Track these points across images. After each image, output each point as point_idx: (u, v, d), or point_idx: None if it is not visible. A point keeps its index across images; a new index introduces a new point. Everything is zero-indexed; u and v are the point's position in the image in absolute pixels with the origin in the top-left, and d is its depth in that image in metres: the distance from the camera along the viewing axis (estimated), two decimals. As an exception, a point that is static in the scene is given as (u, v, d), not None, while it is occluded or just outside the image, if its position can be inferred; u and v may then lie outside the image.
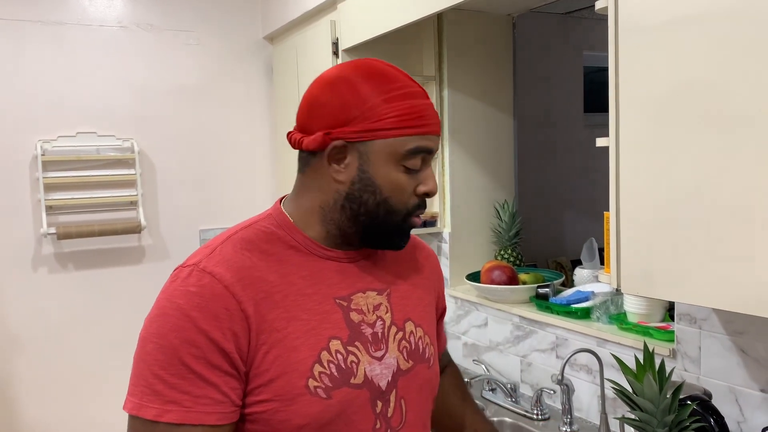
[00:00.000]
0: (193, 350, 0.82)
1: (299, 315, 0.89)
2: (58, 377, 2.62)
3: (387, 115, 0.89)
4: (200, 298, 0.84)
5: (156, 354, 0.83)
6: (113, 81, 2.69)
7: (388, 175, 0.91)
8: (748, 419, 1.41)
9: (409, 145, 0.90)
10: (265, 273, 0.89)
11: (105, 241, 2.69)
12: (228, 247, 0.90)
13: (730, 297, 1.05)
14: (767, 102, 0.98)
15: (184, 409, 0.82)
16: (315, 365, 0.87)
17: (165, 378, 0.82)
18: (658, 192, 1.15)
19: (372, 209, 0.92)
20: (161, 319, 0.85)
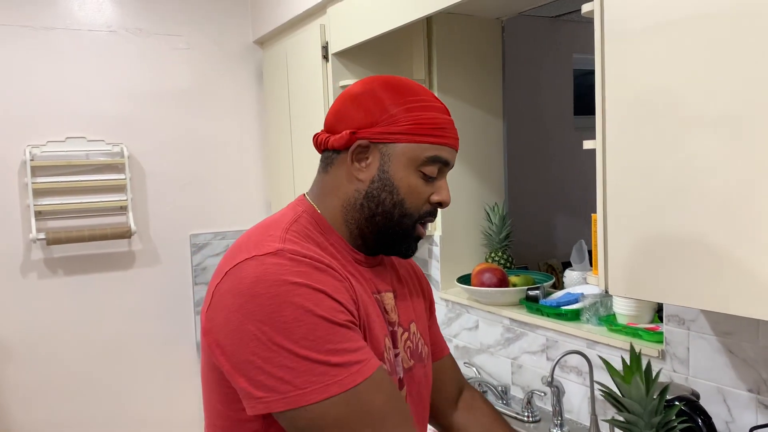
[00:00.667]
0: (340, 315, 0.83)
1: (365, 302, 0.93)
2: (48, 383, 2.61)
3: (409, 122, 0.95)
4: (315, 276, 0.83)
5: (311, 333, 0.79)
6: (102, 86, 2.68)
7: (406, 178, 0.95)
8: (736, 419, 1.42)
9: (429, 152, 0.95)
10: (330, 261, 0.91)
11: (95, 246, 2.68)
12: (292, 239, 0.90)
13: (717, 298, 1.06)
14: (751, 103, 0.99)
15: (366, 361, 0.82)
16: (384, 350, 0.93)
17: (336, 348, 0.80)
18: (645, 194, 1.15)
19: (388, 209, 0.96)
20: (291, 302, 0.80)
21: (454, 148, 0.99)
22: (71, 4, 2.62)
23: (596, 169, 1.25)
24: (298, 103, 2.57)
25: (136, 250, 2.77)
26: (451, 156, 0.99)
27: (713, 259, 1.05)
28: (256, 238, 0.89)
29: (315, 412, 0.78)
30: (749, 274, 1.00)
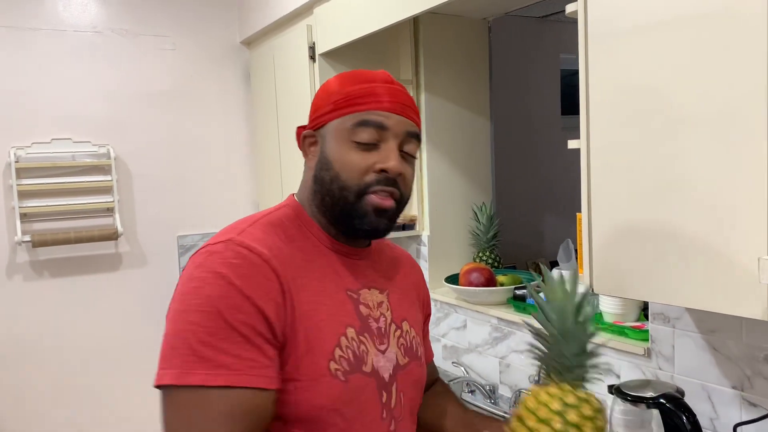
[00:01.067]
0: (240, 316, 0.83)
1: (322, 300, 0.93)
2: (35, 386, 2.59)
3: (337, 98, 0.96)
4: (243, 268, 0.85)
5: (203, 322, 0.82)
6: (88, 87, 2.66)
7: (338, 151, 0.95)
8: (721, 416, 1.43)
9: (355, 119, 0.95)
10: (291, 257, 0.93)
11: (81, 248, 2.66)
12: (256, 228, 0.93)
13: (702, 296, 1.07)
14: (733, 102, 0.99)
15: (235, 372, 0.81)
16: (336, 348, 0.91)
17: (213, 343, 0.81)
18: (628, 193, 1.16)
19: (328, 186, 0.96)
20: (204, 289, 0.84)
21: (387, 111, 0.95)
22: (56, 5, 2.60)
23: (580, 169, 1.25)
24: (285, 104, 2.56)
25: (123, 252, 2.75)
26: (387, 120, 0.95)
27: (697, 257, 1.06)
28: (227, 228, 0.94)
29: (167, 395, 0.82)
30: (733, 272, 1.01)
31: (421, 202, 2.42)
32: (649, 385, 1.36)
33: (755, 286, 0.97)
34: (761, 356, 1.34)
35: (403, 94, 0.99)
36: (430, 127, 2.36)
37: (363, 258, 1.03)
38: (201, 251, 0.89)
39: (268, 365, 0.84)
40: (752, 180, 0.97)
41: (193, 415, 0.80)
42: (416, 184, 2.41)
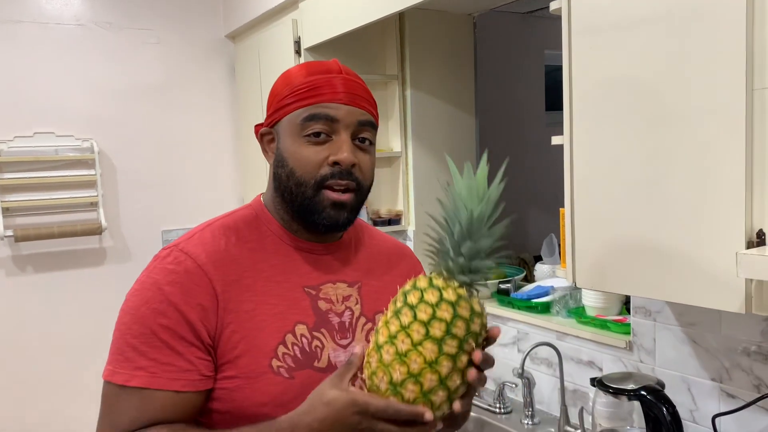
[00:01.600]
0: (162, 320, 0.88)
1: (268, 299, 0.94)
2: (18, 382, 2.57)
3: (285, 94, 0.97)
4: (175, 275, 0.90)
5: (131, 324, 0.89)
6: (71, 80, 2.64)
7: (292, 147, 0.96)
8: (700, 407, 1.46)
9: (304, 114, 0.95)
10: (238, 257, 0.95)
11: (65, 243, 2.64)
12: (207, 232, 0.97)
13: (681, 289, 1.09)
14: (713, 101, 1.01)
15: (150, 374, 0.87)
16: (279, 346, 0.92)
17: (136, 346, 0.88)
18: (610, 188, 1.18)
19: (285, 183, 0.97)
20: (139, 293, 0.91)
21: (336, 102, 0.95)
22: (38, -3, 2.57)
23: (563, 165, 1.27)
24: (270, 99, 2.56)
25: (107, 247, 2.74)
26: (336, 112, 0.94)
27: (678, 252, 1.08)
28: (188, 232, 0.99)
29: (103, 387, 0.91)
30: (712, 266, 1.03)
31: (407, 197, 2.43)
32: (631, 377, 1.39)
33: (733, 280, 0.99)
34: (739, 349, 1.37)
35: (353, 84, 0.98)
36: (415, 123, 2.37)
37: (331, 252, 1.03)
38: (155, 256, 0.96)
39: (188, 369, 0.88)
40: (731, 176, 0.99)
41: (111, 408, 0.89)
42: (402, 179, 2.42)
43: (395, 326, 0.80)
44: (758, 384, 1.34)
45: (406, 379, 0.78)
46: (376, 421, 0.80)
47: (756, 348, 1.34)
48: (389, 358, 0.79)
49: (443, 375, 0.78)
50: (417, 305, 0.80)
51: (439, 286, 0.82)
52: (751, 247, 0.98)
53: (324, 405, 0.82)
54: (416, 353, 0.78)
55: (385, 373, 0.79)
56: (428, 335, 0.78)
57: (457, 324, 0.79)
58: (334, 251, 1.03)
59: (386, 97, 2.43)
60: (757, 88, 0.96)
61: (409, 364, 0.78)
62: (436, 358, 0.78)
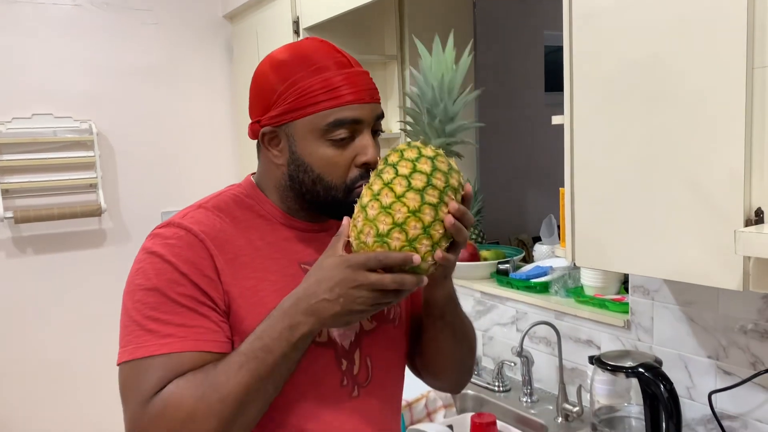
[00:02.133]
0: (179, 288, 0.87)
1: (267, 276, 0.94)
2: (19, 363, 2.59)
3: (297, 95, 0.91)
4: (178, 248, 0.89)
5: (146, 299, 0.87)
6: (69, 61, 2.63)
7: (315, 153, 0.93)
8: (697, 385, 1.47)
9: (329, 119, 0.91)
10: (234, 236, 0.94)
11: (64, 224, 2.64)
12: (200, 212, 0.96)
13: (679, 268, 1.10)
14: (711, 80, 1.02)
15: (181, 339, 0.85)
16: None
17: (157, 317, 0.86)
18: (610, 168, 1.19)
19: (310, 187, 0.95)
20: (144, 269, 0.89)
21: (358, 102, 0.92)
22: (34, -23, 2.55)
23: (563, 145, 1.27)
24: (269, 79, 2.54)
25: (106, 228, 2.74)
26: (361, 112, 0.92)
27: (676, 230, 1.09)
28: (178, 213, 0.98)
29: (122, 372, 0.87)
30: (710, 244, 1.04)
31: (406, 178, 2.43)
32: (629, 355, 1.40)
33: (731, 258, 1.00)
34: (736, 327, 1.38)
35: (367, 76, 0.96)
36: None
37: (324, 230, 1.02)
38: (148, 235, 0.94)
39: (216, 330, 0.88)
40: (730, 154, 1.00)
41: (136, 383, 0.85)
42: (401, 160, 2.42)
43: (378, 185, 0.84)
44: (754, 361, 1.36)
45: (392, 229, 0.82)
46: (368, 273, 0.81)
47: (753, 326, 1.35)
48: (374, 212, 0.83)
49: (426, 223, 0.82)
50: (398, 162, 0.84)
51: (417, 146, 0.86)
52: (750, 225, 0.98)
53: (319, 270, 0.85)
54: (400, 204, 0.82)
55: (372, 227, 0.82)
56: (410, 186, 0.82)
57: (437, 176, 0.84)
58: (328, 229, 1.03)
59: (385, 77, 2.42)
60: (757, 67, 0.97)
61: (394, 214, 0.82)
62: (419, 206, 0.82)
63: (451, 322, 1.04)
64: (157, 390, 0.83)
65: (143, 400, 0.84)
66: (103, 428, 2.62)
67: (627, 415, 1.48)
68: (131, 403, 0.85)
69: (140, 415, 0.83)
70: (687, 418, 1.49)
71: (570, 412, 1.71)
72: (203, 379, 0.84)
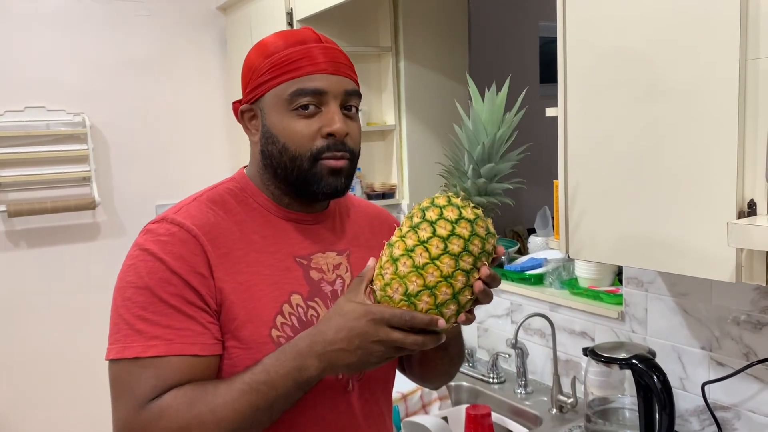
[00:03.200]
0: (169, 287, 0.87)
1: (261, 270, 0.94)
2: (13, 356, 2.58)
3: (265, 69, 0.96)
4: (170, 245, 0.89)
5: (135, 297, 0.87)
6: (62, 53, 2.61)
7: (281, 123, 0.95)
8: (690, 376, 1.48)
9: (291, 88, 0.93)
10: (228, 230, 0.94)
11: (58, 218, 2.63)
12: (194, 206, 0.96)
13: (673, 260, 1.10)
14: (705, 71, 1.01)
15: (167, 341, 0.86)
16: (277, 316, 0.92)
17: (146, 317, 0.86)
18: (604, 160, 1.18)
19: (278, 159, 0.96)
20: (135, 266, 0.89)
21: (322, 73, 0.94)
22: (25, -32, 2.52)
23: (557, 137, 1.27)
24: (263, 71, 2.53)
25: (100, 222, 2.73)
26: (323, 83, 0.94)
27: (670, 222, 1.09)
28: (172, 207, 0.98)
29: (111, 370, 0.88)
30: (703, 236, 1.04)
31: (401, 170, 2.42)
32: (622, 346, 1.41)
33: (724, 250, 1.00)
34: (729, 318, 1.38)
35: (336, 52, 0.98)
36: (409, 95, 2.36)
37: (319, 222, 1.03)
38: (141, 231, 0.94)
39: (203, 332, 0.88)
40: (723, 146, 1.00)
41: (127, 384, 0.86)
42: (395, 152, 2.42)
43: (412, 240, 0.82)
44: (747, 352, 1.36)
45: (422, 291, 0.80)
46: (390, 330, 0.81)
47: (746, 317, 1.35)
48: (405, 270, 0.81)
49: (456, 289, 0.81)
50: (436, 221, 0.82)
51: (458, 205, 0.84)
52: (742, 217, 0.98)
53: (339, 316, 0.84)
54: (433, 267, 0.80)
55: (401, 285, 0.81)
56: (446, 250, 0.81)
57: (474, 242, 0.82)
58: (323, 221, 1.03)
59: (380, 69, 2.41)
60: (750, 58, 0.96)
61: (426, 277, 0.80)
62: (452, 272, 0.81)
63: (452, 350, 1.06)
64: (152, 397, 0.85)
65: (137, 404, 0.85)
66: (96, 420, 2.63)
67: (621, 407, 1.49)
68: (123, 404, 0.86)
69: (133, 419, 0.85)
70: (680, 409, 1.49)
71: (564, 404, 1.71)
72: (202, 397, 0.84)
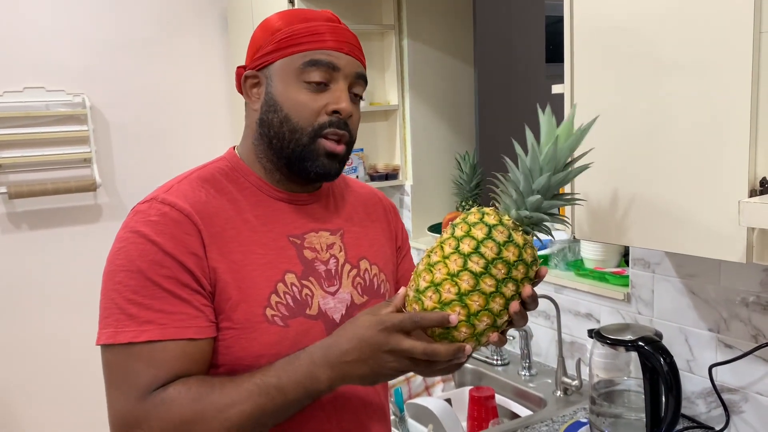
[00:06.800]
0: (162, 270, 0.85)
1: (255, 249, 0.92)
2: (14, 340, 2.58)
3: (282, 37, 0.93)
4: (162, 225, 0.87)
5: (127, 281, 0.85)
6: (61, 33, 2.57)
7: (287, 92, 0.93)
8: (697, 358, 1.46)
9: (305, 58, 0.93)
10: (220, 209, 0.92)
11: (59, 200, 2.62)
12: (185, 184, 0.94)
13: (682, 240, 1.07)
14: (717, 46, 0.98)
15: (160, 326, 0.84)
16: (272, 295, 0.91)
17: (138, 301, 0.84)
18: (611, 137, 1.16)
19: (277, 129, 0.94)
20: (126, 249, 0.87)
21: (336, 50, 0.94)
22: (23, -54, 2.48)
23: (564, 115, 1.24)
24: (264, 51, 2.50)
25: (102, 203, 2.71)
26: (338, 60, 0.94)
27: (678, 202, 1.07)
28: (161, 186, 0.95)
29: (104, 355, 0.86)
30: (713, 215, 1.02)
31: (404, 151, 2.40)
32: (628, 328, 1.39)
33: (735, 230, 0.97)
34: (738, 299, 1.36)
35: (350, 34, 0.98)
36: (412, 75, 2.32)
37: (313, 201, 1.01)
38: (130, 212, 0.91)
39: (197, 315, 0.86)
40: (735, 123, 0.97)
41: (122, 372, 0.84)
42: (399, 132, 2.39)
43: (456, 265, 0.81)
44: (756, 334, 1.34)
45: (462, 321, 0.80)
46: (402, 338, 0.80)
47: (755, 298, 1.33)
48: (450, 296, 0.81)
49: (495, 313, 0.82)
50: (483, 241, 0.82)
51: (509, 228, 0.84)
52: (754, 195, 0.96)
53: (353, 326, 0.84)
54: (477, 294, 0.80)
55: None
56: (489, 272, 0.81)
57: (519, 267, 0.83)
58: (316, 200, 1.02)
59: (382, 48, 2.37)
60: (764, 31, 0.93)
61: (470, 305, 0.80)
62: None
63: None
64: (152, 387, 0.83)
65: (137, 394, 0.83)
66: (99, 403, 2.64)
67: (626, 389, 1.47)
68: (121, 393, 0.84)
69: (132, 408, 0.83)
70: (687, 391, 1.48)
71: (569, 386, 1.70)
72: (208, 393, 0.83)
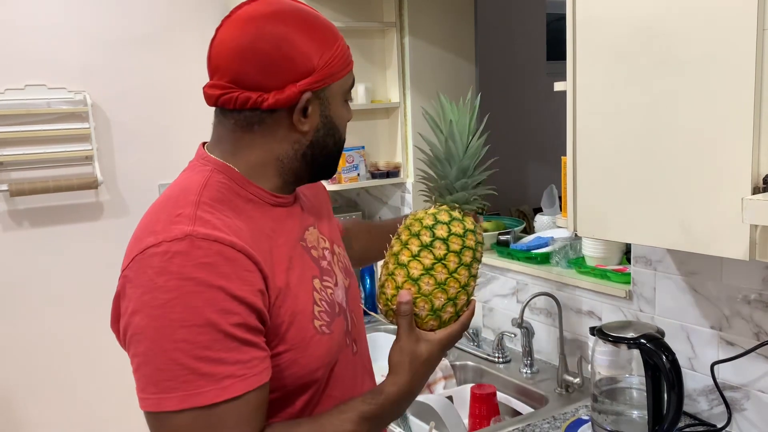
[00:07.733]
0: (232, 319, 0.77)
1: (287, 265, 0.89)
2: (15, 338, 2.58)
3: (335, 57, 0.91)
4: (220, 267, 0.78)
5: (194, 338, 0.75)
6: (62, 30, 2.57)
7: (340, 113, 0.95)
8: (699, 355, 1.46)
9: (349, 80, 0.95)
10: (254, 232, 0.86)
11: (61, 197, 2.61)
12: (205, 212, 0.83)
13: (683, 237, 1.07)
14: (719, 43, 0.98)
15: (240, 378, 0.77)
16: (314, 306, 0.91)
17: (212, 356, 0.76)
18: (613, 134, 1.15)
19: (329, 150, 0.95)
20: (184, 300, 0.76)
21: None
22: (23, -57, 2.48)
23: (565, 114, 1.24)
24: (266, 48, 2.50)
25: (103, 201, 2.71)
26: None
27: (681, 199, 1.06)
28: (165, 215, 0.83)
29: (171, 422, 0.76)
30: (716, 213, 1.02)
31: (405, 149, 2.39)
32: (630, 326, 1.39)
33: (738, 227, 0.97)
34: (740, 297, 1.36)
35: None
36: (413, 71, 2.32)
37: (294, 201, 0.99)
38: (155, 252, 0.78)
39: (266, 356, 0.82)
40: (738, 120, 0.97)
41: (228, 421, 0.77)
42: (400, 130, 2.39)
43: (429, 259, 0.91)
44: (758, 332, 1.34)
45: (446, 304, 0.91)
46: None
47: (756, 296, 1.33)
48: (429, 288, 0.90)
49: (470, 293, 0.94)
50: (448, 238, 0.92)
51: (459, 218, 0.94)
52: (757, 192, 0.96)
53: (418, 360, 0.90)
54: (453, 280, 0.91)
55: (426, 302, 0.90)
56: (461, 263, 0.91)
57: (479, 249, 0.95)
58: (295, 199, 1.00)
59: (384, 45, 2.37)
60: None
61: (448, 290, 0.91)
62: (467, 281, 0.92)
63: None
64: None
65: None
66: (101, 399, 2.64)
67: (628, 386, 1.47)
68: None
69: None
70: (689, 388, 1.48)
71: (570, 384, 1.70)
72: None
